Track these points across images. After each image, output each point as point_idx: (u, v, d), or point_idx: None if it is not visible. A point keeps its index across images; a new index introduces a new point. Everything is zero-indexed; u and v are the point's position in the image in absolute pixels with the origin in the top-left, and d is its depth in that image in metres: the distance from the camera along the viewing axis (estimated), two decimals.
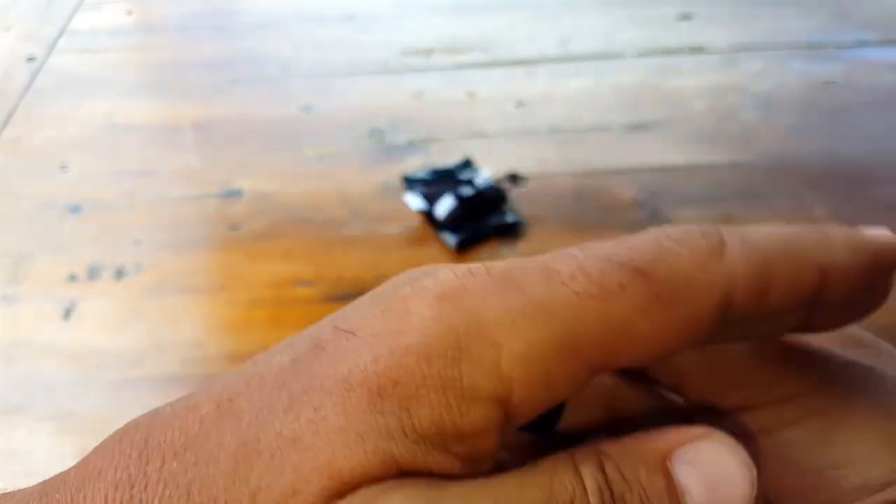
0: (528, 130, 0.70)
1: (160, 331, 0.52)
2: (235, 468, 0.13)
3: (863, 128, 0.70)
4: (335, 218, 0.61)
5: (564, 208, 0.62)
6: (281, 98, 0.75)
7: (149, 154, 0.69)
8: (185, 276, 0.56)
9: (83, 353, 0.51)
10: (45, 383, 0.49)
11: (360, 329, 0.13)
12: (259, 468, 0.12)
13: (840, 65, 0.78)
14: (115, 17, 0.90)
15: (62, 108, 0.75)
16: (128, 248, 0.59)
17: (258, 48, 0.83)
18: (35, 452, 0.45)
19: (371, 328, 0.13)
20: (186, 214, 0.62)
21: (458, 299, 0.13)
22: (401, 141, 0.69)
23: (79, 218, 0.62)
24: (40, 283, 0.56)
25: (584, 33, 0.83)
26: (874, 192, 0.62)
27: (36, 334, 0.52)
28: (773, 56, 0.79)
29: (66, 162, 0.68)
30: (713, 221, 0.59)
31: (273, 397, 0.13)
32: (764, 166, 0.65)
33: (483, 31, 0.84)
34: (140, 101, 0.76)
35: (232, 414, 0.13)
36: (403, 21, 0.87)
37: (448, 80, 0.77)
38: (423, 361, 0.12)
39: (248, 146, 0.70)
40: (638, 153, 0.67)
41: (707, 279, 0.13)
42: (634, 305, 0.12)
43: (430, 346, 0.13)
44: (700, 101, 0.73)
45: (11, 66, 0.82)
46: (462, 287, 0.13)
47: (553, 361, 0.12)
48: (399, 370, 0.13)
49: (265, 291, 0.55)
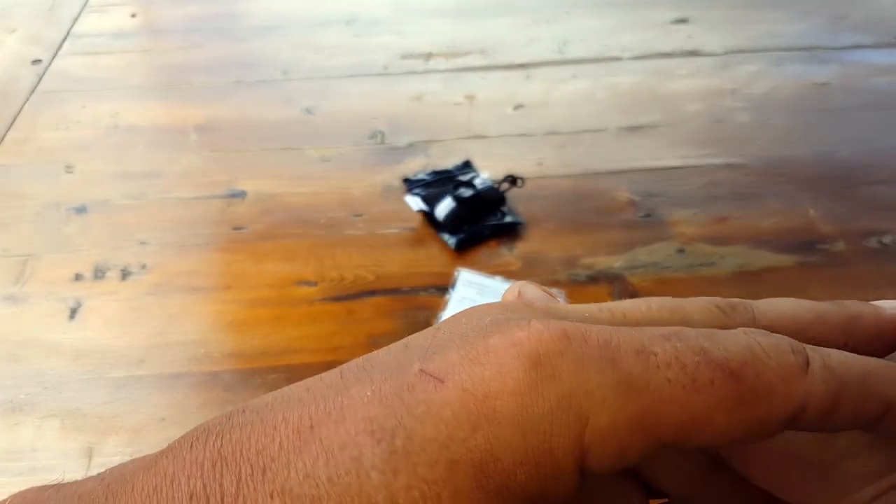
0: (527, 132, 0.71)
1: (164, 330, 0.53)
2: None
3: (856, 129, 0.70)
4: (337, 218, 0.62)
5: (562, 209, 0.62)
6: (283, 100, 0.76)
7: (153, 156, 0.70)
8: (190, 275, 0.57)
9: (88, 351, 0.51)
10: (50, 381, 0.50)
11: (449, 377, 0.13)
12: None
13: (834, 67, 0.78)
14: (120, 21, 0.90)
15: (67, 111, 0.76)
16: (133, 248, 0.60)
17: (261, 51, 0.84)
18: (41, 450, 0.46)
19: (461, 379, 0.13)
20: (190, 215, 0.63)
21: (554, 367, 0.13)
22: (401, 143, 0.70)
23: (84, 218, 0.63)
24: (46, 283, 0.57)
25: (582, 37, 0.84)
26: (867, 193, 0.63)
27: (42, 333, 0.53)
28: (768, 59, 0.80)
29: (72, 163, 0.69)
30: (708, 222, 0.60)
31: (361, 439, 0.13)
32: (758, 167, 0.66)
33: (482, 35, 0.85)
34: (144, 103, 0.77)
35: (314, 443, 0.13)
36: (403, 25, 0.87)
37: (448, 83, 0.78)
38: (520, 435, 0.13)
39: (251, 148, 0.70)
40: (634, 155, 0.68)
41: (787, 392, 0.14)
42: (718, 401, 0.13)
43: (526, 419, 0.13)
44: (695, 104, 0.74)
45: (16, 69, 0.83)
46: (558, 353, 0.13)
47: (631, 437, 0.13)
48: (498, 443, 0.13)
49: (268, 291, 0.55)
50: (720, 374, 0.13)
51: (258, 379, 0.49)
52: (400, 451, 0.13)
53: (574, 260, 0.57)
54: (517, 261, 0.57)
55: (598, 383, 0.13)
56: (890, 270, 0.56)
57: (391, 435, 0.13)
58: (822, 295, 0.54)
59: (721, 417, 0.13)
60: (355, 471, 0.13)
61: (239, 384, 0.49)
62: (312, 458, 0.13)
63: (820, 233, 0.59)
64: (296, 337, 0.52)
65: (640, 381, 0.13)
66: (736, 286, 0.55)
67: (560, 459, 0.13)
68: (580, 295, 0.54)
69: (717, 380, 0.13)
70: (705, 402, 0.13)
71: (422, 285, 0.55)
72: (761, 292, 0.54)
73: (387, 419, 0.13)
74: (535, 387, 0.13)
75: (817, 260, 0.57)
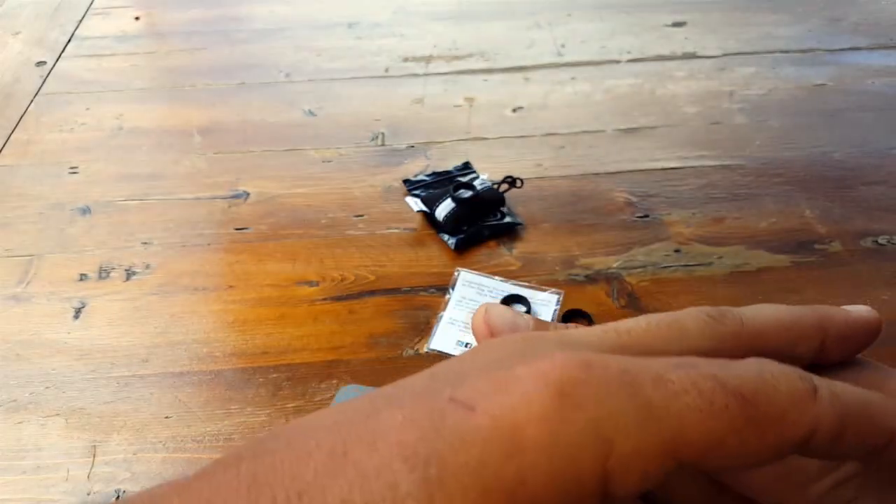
0: (526, 134, 0.72)
1: (168, 329, 0.53)
2: None
3: (853, 130, 0.71)
4: (338, 219, 0.62)
5: (560, 210, 0.63)
6: (286, 103, 0.77)
7: (157, 157, 0.70)
8: (193, 275, 0.58)
9: (93, 351, 0.52)
10: (54, 380, 0.50)
11: (479, 405, 0.14)
12: None
13: (831, 69, 0.79)
14: (123, 23, 0.91)
15: (71, 112, 0.77)
16: (137, 248, 0.60)
17: (263, 54, 0.84)
18: (45, 448, 0.46)
19: (490, 407, 0.14)
20: (194, 216, 0.63)
21: (579, 396, 0.14)
22: (402, 145, 0.71)
23: (88, 219, 0.63)
24: (51, 283, 0.57)
25: (580, 40, 0.85)
26: (864, 193, 0.64)
27: (46, 333, 0.53)
28: (765, 61, 0.81)
29: (76, 164, 0.70)
30: (705, 222, 0.61)
31: (396, 466, 0.13)
32: (755, 168, 0.67)
33: (482, 38, 0.86)
34: (148, 105, 0.78)
35: (348, 468, 0.14)
36: (405, 28, 0.88)
37: (447, 86, 0.78)
38: (547, 461, 0.13)
39: (253, 149, 0.71)
40: (632, 156, 0.68)
41: (797, 417, 0.15)
42: (732, 425, 0.14)
43: (553, 445, 0.14)
44: (692, 106, 0.74)
45: (21, 71, 0.83)
46: (582, 382, 0.14)
47: (653, 461, 0.14)
48: (528, 469, 0.13)
49: (270, 291, 0.56)
50: (734, 400, 0.14)
51: (260, 378, 0.50)
52: (434, 479, 0.13)
53: (572, 260, 0.58)
54: (516, 261, 0.58)
55: (622, 410, 0.14)
56: (886, 270, 0.56)
57: (425, 462, 0.13)
58: (818, 295, 0.54)
59: (734, 439, 0.14)
60: (391, 498, 0.13)
61: (241, 383, 0.49)
62: (348, 483, 0.13)
63: (816, 233, 0.60)
64: (297, 336, 0.52)
65: (660, 408, 0.14)
66: (732, 286, 0.55)
67: (586, 483, 0.14)
68: (579, 294, 0.55)
69: (731, 404, 0.14)
70: (721, 425, 0.14)
71: (422, 285, 0.56)
72: (758, 292, 0.55)
73: (419, 445, 0.13)
74: (562, 414, 0.14)
75: (814, 260, 0.57)
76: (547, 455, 0.13)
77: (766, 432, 0.14)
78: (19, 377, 0.50)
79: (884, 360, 0.47)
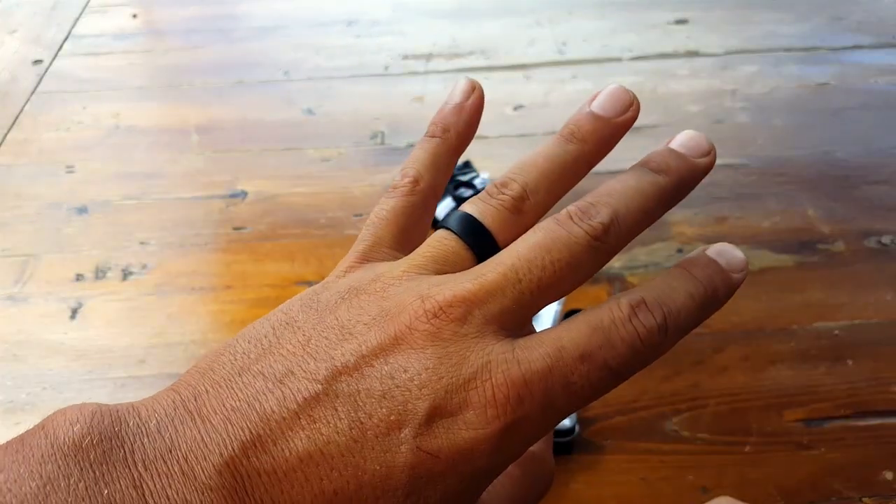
0: (526, 133, 0.71)
1: (165, 330, 0.53)
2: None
3: (856, 129, 0.70)
4: (337, 218, 0.62)
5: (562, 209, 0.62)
6: (284, 101, 0.76)
7: (154, 156, 0.70)
8: (191, 275, 0.57)
9: (90, 351, 0.52)
10: (51, 381, 0.50)
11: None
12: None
13: (833, 67, 0.78)
14: (120, 21, 0.91)
15: (68, 111, 0.76)
16: (133, 248, 0.60)
17: (262, 52, 0.84)
18: None
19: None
20: (191, 215, 0.63)
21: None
22: (401, 143, 0.70)
23: (85, 219, 0.63)
24: (47, 283, 0.57)
25: (581, 38, 0.84)
26: (867, 193, 0.63)
27: (43, 333, 0.53)
28: (767, 59, 0.80)
29: (73, 164, 0.69)
30: (708, 222, 0.60)
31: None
32: (758, 167, 0.66)
33: (482, 36, 0.85)
34: (145, 103, 0.77)
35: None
36: (404, 26, 0.88)
37: (448, 84, 0.78)
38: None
39: (251, 148, 0.70)
40: (634, 155, 0.67)
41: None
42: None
43: None
44: (695, 104, 0.74)
45: (17, 69, 0.83)
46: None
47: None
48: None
49: (269, 291, 0.56)
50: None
51: None
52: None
53: None
54: None
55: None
56: (889, 270, 0.56)
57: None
58: (821, 295, 0.54)
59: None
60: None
61: None
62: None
63: (819, 233, 0.59)
64: None
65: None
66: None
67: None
68: (580, 294, 0.54)
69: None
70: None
71: None
72: (761, 292, 0.54)
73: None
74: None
75: (817, 260, 0.57)
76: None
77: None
78: (16, 378, 0.50)
79: (884, 360, 0.46)
